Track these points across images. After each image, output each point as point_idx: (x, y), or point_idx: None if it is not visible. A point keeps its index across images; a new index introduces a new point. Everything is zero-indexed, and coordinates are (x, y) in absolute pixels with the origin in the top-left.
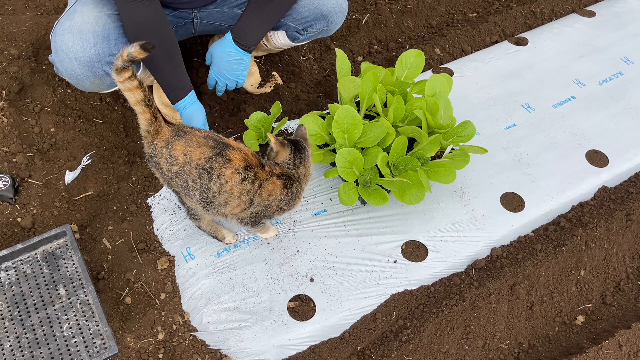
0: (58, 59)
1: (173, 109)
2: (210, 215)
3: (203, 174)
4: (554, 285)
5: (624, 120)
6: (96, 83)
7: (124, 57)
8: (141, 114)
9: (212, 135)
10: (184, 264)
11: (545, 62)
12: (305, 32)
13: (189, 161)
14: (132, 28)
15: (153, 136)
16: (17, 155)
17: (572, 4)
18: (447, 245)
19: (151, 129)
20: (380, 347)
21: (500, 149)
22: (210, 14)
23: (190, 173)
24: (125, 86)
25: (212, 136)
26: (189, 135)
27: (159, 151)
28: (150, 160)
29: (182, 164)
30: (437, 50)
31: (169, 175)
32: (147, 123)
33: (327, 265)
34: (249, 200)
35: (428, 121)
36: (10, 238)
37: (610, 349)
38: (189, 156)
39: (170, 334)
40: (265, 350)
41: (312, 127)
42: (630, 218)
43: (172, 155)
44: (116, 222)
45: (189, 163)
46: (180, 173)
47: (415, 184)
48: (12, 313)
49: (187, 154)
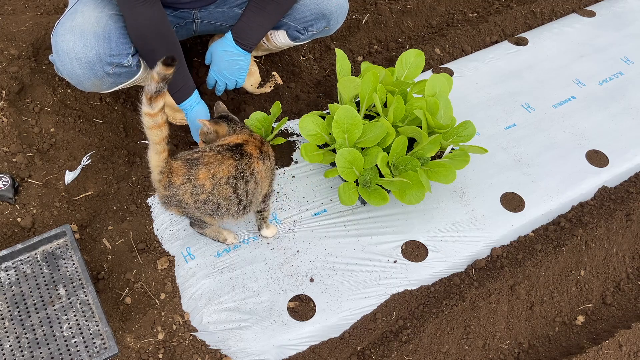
0: (59, 59)
1: (173, 109)
2: (237, 220)
3: (238, 183)
4: (554, 285)
5: (624, 120)
6: (96, 83)
7: (156, 79)
8: (160, 154)
9: (217, 146)
10: (184, 264)
11: (545, 62)
12: (305, 32)
13: (218, 181)
14: (135, 29)
15: (168, 176)
16: (17, 155)
17: (572, 4)
18: (447, 245)
19: (165, 169)
20: (380, 347)
21: (500, 149)
22: (210, 14)
23: (221, 192)
24: (154, 121)
25: (219, 146)
26: (202, 159)
27: (180, 189)
28: (169, 201)
29: (209, 188)
30: (437, 50)
31: (195, 206)
32: (163, 163)
33: (327, 266)
34: (269, 173)
35: (428, 121)
36: (10, 238)
37: (610, 349)
38: (217, 176)
39: (170, 334)
40: (265, 350)
41: (312, 127)
42: (630, 218)
43: (197, 186)
44: (116, 222)
45: (217, 183)
46: (209, 199)
47: (415, 184)
48: (12, 313)
49: (214, 176)
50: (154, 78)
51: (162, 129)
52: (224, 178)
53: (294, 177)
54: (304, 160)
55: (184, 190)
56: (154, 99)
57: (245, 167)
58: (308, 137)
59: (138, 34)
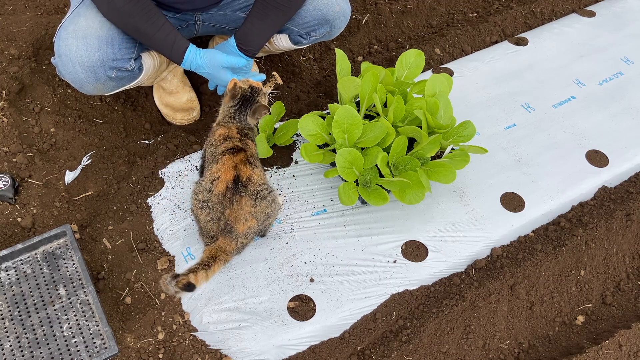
0: (61, 63)
1: (174, 109)
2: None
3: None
4: (554, 285)
5: (624, 120)
6: (99, 87)
7: (172, 291)
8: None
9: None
10: (184, 264)
11: (545, 62)
12: (308, 37)
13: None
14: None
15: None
16: (17, 155)
17: (572, 4)
18: (447, 245)
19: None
20: (380, 347)
21: (500, 149)
22: (212, 17)
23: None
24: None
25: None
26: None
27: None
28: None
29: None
30: (437, 50)
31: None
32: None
33: (327, 265)
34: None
35: (428, 121)
36: (10, 238)
37: (610, 349)
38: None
39: (170, 334)
40: (265, 350)
41: (312, 127)
42: (630, 218)
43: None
44: (116, 222)
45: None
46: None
47: (415, 184)
48: (12, 313)
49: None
50: (169, 290)
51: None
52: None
53: (294, 177)
54: (304, 160)
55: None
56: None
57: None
58: (308, 137)
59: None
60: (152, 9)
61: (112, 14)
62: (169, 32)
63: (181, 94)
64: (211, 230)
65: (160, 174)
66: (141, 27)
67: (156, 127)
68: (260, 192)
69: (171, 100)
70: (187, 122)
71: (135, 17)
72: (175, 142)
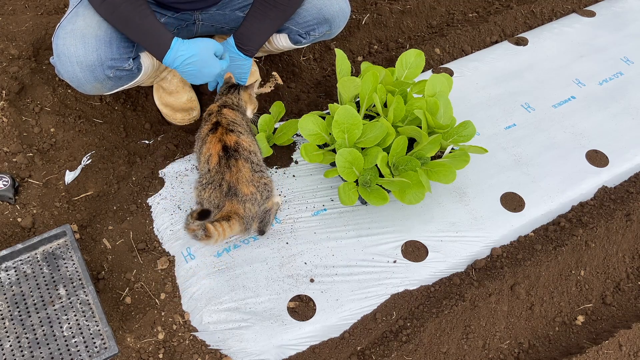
0: (60, 63)
1: (174, 109)
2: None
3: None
4: (554, 285)
5: (624, 120)
6: (97, 87)
7: (193, 229)
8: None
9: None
10: (184, 264)
11: (545, 62)
12: (307, 36)
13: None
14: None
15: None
16: (17, 155)
17: (572, 4)
18: (447, 245)
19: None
20: (380, 347)
21: (500, 149)
22: (212, 16)
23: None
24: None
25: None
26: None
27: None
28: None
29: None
30: (437, 50)
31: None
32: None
33: (327, 266)
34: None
35: (428, 121)
36: (10, 238)
37: (610, 349)
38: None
39: (170, 334)
40: (265, 350)
41: (312, 127)
42: (630, 218)
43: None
44: (116, 222)
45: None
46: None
47: (415, 184)
48: (12, 313)
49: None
50: (190, 229)
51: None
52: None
53: (294, 177)
54: (304, 160)
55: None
56: (208, 237)
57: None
58: (308, 137)
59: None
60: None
61: (101, 7)
62: (155, 26)
63: (181, 93)
64: (215, 199)
65: (160, 174)
66: (129, 19)
67: (156, 127)
68: (253, 161)
69: (171, 100)
70: (187, 122)
71: (123, 8)
72: (175, 142)
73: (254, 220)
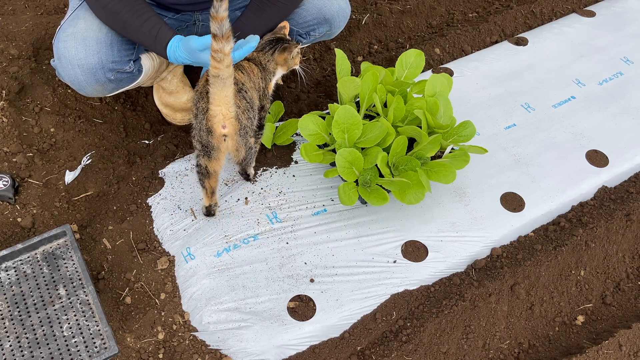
0: (60, 65)
1: (173, 109)
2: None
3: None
4: (554, 285)
5: (624, 120)
6: (98, 89)
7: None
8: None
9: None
10: (184, 264)
11: (545, 62)
12: (307, 36)
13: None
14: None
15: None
16: (17, 155)
17: (572, 4)
18: (447, 245)
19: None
20: (380, 347)
21: (500, 149)
22: None
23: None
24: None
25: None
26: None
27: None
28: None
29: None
30: (437, 50)
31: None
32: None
33: (327, 266)
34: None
35: (428, 121)
36: (10, 238)
37: (610, 349)
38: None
39: (170, 334)
40: (265, 350)
41: (312, 127)
42: (630, 218)
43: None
44: (116, 222)
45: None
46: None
47: (415, 184)
48: (12, 313)
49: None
50: (215, 18)
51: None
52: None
53: (294, 177)
54: (304, 160)
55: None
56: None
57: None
58: (308, 137)
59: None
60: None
61: (100, 12)
62: (154, 26)
63: (181, 94)
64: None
65: (160, 174)
66: (128, 22)
67: (156, 127)
68: (243, 87)
69: (171, 100)
70: (187, 122)
71: (123, 11)
72: (175, 142)
73: (245, 137)
